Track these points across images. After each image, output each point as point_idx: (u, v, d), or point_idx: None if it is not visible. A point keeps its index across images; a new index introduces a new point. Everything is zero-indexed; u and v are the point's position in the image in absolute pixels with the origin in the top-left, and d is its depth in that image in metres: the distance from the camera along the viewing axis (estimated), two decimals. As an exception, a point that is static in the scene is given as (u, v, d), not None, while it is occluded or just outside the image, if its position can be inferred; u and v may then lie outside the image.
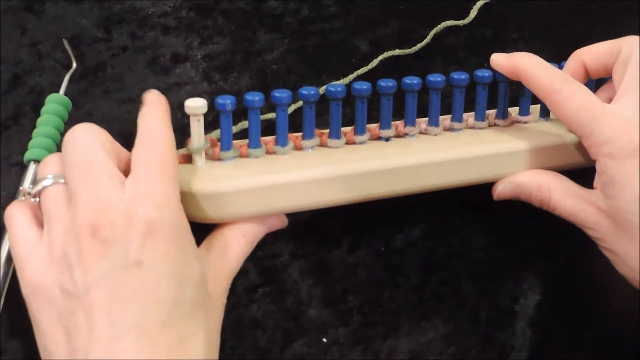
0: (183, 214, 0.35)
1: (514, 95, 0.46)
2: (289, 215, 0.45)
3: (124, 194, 0.34)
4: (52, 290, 0.33)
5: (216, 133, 0.41)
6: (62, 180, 0.36)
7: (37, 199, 0.36)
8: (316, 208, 0.41)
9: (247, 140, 0.41)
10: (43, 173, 0.36)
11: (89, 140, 0.36)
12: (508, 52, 0.50)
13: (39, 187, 0.36)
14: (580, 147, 0.43)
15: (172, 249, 0.34)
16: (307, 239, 0.46)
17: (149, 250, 0.33)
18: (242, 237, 0.39)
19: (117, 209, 0.33)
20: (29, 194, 0.36)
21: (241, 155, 0.41)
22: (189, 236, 0.35)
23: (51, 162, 0.37)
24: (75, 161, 0.35)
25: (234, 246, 0.39)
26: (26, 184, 0.43)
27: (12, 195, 0.43)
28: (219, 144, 0.40)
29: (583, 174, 0.43)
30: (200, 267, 0.35)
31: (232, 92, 0.48)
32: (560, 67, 0.45)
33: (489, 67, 0.45)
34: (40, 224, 0.36)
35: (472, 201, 0.48)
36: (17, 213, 0.36)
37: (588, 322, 0.49)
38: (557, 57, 0.46)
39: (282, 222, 0.41)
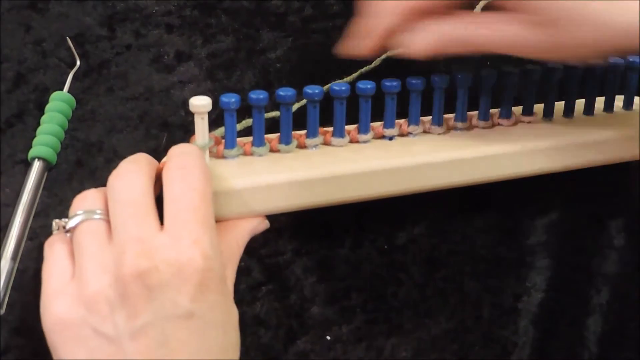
0: (222, 258, 0.35)
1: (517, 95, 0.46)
2: (292, 213, 0.46)
3: (167, 238, 0.33)
4: (82, 329, 0.32)
5: (220, 131, 0.41)
6: (98, 216, 0.35)
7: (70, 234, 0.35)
8: (320, 206, 0.41)
9: (251, 138, 0.41)
10: (80, 207, 0.35)
11: (140, 179, 0.35)
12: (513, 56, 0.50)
13: (76, 221, 0.35)
14: (584, 147, 0.43)
15: (219, 299, 0.34)
16: (310, 236, 0.46)
17: (199, 301, 0.32)
18: (246, 234, 0.39)
19: (162, 254, 0.33)
20: (64, 227, 0.35)
21: (245, 154, 0.41)
22: (226, 281, 0.36)
23: (90, 197, 0.36)
24: (123, 199, 0.34)
25: (241, 243, 0.39)
26: (30, 183, 0.43)
27: (16, 193, 0.43)
28: (222, 141, 0.40)
29: (587, 172, 0.44)
30: (235, 306, 0.36)
31: (235, 90, 0.48)
32: None
33: (491, 67, 0.45)
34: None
35: (475, 198, 0.48)
36: (58, 246, 0.35)
37: (590, 320, 0.49)
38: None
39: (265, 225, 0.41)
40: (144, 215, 0.34)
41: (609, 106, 0.48)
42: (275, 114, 0.46)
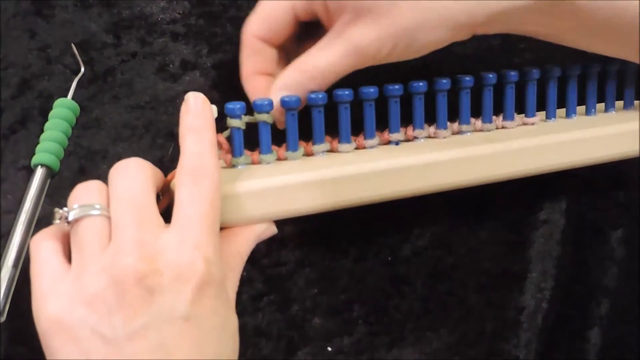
0: (224, 267, 0.35)
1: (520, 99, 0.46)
2: (296, 224, 0.45)
3: (170, 241, 0.33)
4: (80, 330, 0.32)
5: (226, 132, 0.41)
6: (98, 212, 0.34)
7: (69, 225, 0.35)
8: (329, 210, 0.40)
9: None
10: (83, 199, 0.35)
11: (141, 179, 0.35)
12: (515, 62, 0.50)
13: (76, 214, 0.34)
14: (585, 145, 0.44)
15: (217, 304, 0.34)
16: (314, 247, 0.46)
17: (196, 305, 0.33)
18: (251, 241, 0.39)
19: (164, 257, 0.33)
20: (66, 218, 0.35)
21: (253, 162, 0.41)
22: (227, 289, 0.36)
23: (93, 189, 0.35)
24: (125, 198, 0.34)
25: (245, 251, 0.39)
26: (33, 190, 0.43)
27: (18, 200, 0.43)
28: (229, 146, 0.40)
29: (589, 175, 0.43)
30: (235, 315, 0.36)
31: (241, 100, 0.48)
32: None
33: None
34: (66, 254, 0.35)
35: (479, 211, 0.48)
36: (45, 244, 0.35)
37: (591, 332, 0.49)
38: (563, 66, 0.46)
39: (272, 230, 0.41)
40: (145, 216, 0.34)
41: (609, 107, 0.48)
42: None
